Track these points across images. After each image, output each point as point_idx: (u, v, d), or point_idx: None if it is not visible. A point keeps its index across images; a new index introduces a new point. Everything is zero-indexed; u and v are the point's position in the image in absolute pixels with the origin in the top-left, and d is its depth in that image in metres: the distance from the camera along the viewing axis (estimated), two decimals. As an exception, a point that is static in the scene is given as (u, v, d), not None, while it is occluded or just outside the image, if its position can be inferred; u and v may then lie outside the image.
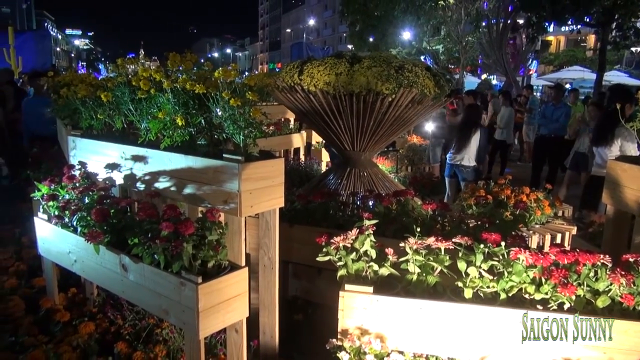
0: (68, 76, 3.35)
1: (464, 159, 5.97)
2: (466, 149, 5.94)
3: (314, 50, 18.18)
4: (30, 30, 27.48)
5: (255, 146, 2.32)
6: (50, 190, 2.99)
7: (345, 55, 3.74)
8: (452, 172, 6.23)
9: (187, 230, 2.12)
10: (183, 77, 2.36)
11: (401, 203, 3.09)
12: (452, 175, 6.24)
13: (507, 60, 19.21)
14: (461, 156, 6.00)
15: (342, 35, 58.74)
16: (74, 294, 3.33)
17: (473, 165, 5.95)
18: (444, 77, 3.91)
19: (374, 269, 2.21)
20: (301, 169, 5.91)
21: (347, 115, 3.69)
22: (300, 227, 3.09)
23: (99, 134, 3.09)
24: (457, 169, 6.09)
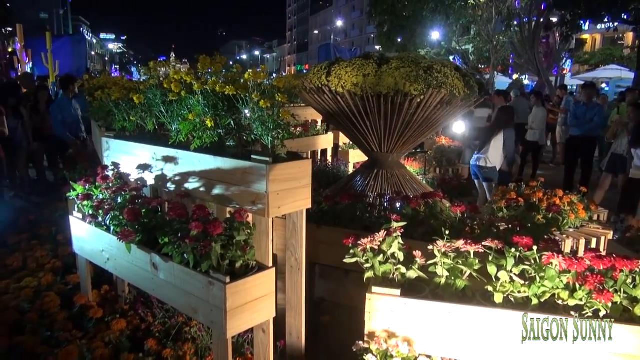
0: (102, 79, 3.45)
1: (481, 160, 5.87)
2: (486, 149, 5.83)
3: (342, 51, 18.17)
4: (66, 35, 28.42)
5: (283, 147, 2.33)
6: (85, 190, 3.08)
7: (373, 56, 3.72)
8: (475, 173, 6.14)
9: (215, 230, 2.15)
10: (213, 79, 2.40)
11: (429, 205, 3.05)
12: (477, 177, 6.15)
13: (540, 59, 18.71)
14: (480, 156, 5.91)
15: (369, 36, 58.53)
16: (107, 291, 3.42)
17: (492, 167, 5.83)
18: (473, 78, 3.84)
19: (402, 272, 2.19)
20: (328, 170, 5.91)
21: (375, 116, 3.67)
22: (328, 229, 3.09)
23: (132, 136, 3.17)
24: (477, 169, 6.00)
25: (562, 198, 3.73)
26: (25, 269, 3.89)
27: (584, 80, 16.94)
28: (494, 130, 5.90)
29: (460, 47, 26.14)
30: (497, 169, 5.85)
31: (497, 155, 5.81)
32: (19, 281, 3.60)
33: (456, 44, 25.94)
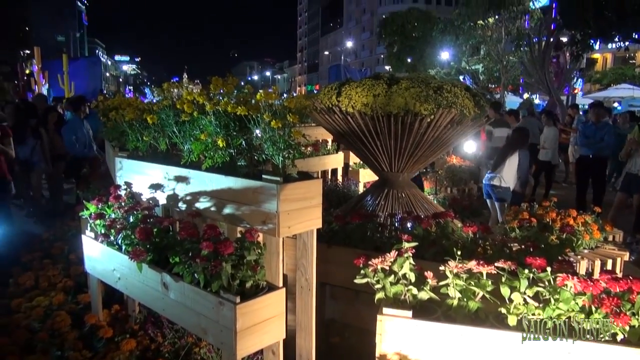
0: (116, 100, 3.51)
1: (495, 179, 5.83)
2: (500, 169, 5.80)
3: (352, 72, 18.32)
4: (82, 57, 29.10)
5: (293, 167, 2.34)
6: (98, 209, 3.11)
7: (383, 76, 3.75)
8: (487, 192, 6.09)
9: (226, 250, 2.15)
10: (225, 100, 2.43)
11: (441, 225, 3.03)
12: (489, 196, 6.09)
13: (550, 79, 18.70)
14: (493, 175, 5.87)
15: (379, 56, 59.07)
16: (117, 311, 3.42)
17: (506, 187, 5.78)
18: (484, 97, 3.85)
19: (413, 293, 2.16)
20: (339, 189, 5.90)
21: (385, 136, 3.68)
22: (338, 249, 3.07)
23: (144, 155, 3.21)
24: (490, 189, 5.95)
25: (576, 218, 3.68)
26: (37, 288, 3.91)
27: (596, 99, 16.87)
28: (508, 150, 5.87)
29: (470, 67, 26.25)
30: (510, 189, 5.80)
31: (511, 176, 5.77)
32: (30, 300, 3.62)
33: (466, 64, 26.05)
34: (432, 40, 28.45)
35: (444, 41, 26.26)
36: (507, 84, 24.63)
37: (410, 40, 32.96)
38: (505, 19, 22.98)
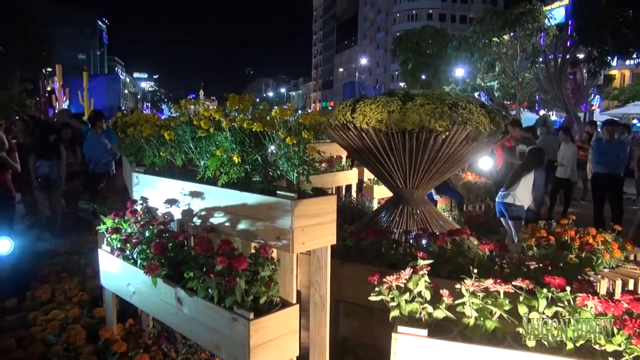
0: (134, 117, 3.57)
1: (508, 197, 5.75)
2: (514, 187, 5.72)
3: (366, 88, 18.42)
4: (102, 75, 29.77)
5: (308, 183, 2.35)
6: (114, 224, 3.14)
7: (397, 93, 3.76)
8: (500, 211, 6.01)
9: (240, 265, 2.15)
10: (241, 116, 2.46)
11: (456, 243, 2.99)
12: (502, 215, 6.00)
13: (567, 95, 18.54)
14: (506, 193, 5.79)
15: (394, 73, 59.39)
16: (131, 325, 3.43)
17: (520, 205, 5.69)
18: (499, 114, 3.83)
19: (429, 311, 2.13)
20: (353, 206, 5.89)
21: (400, 152, 3.68)
22: (352, 265, 3.05)
23: (161, 171, 3.25)
24: (503, 207, 5.86)
25: (596, 237, 3.60)
26: (54, 301, 3.95)
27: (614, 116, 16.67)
28: (523, 170, 5.80)
29: (485, 83, 26.20)
30: (524, 207, 5.71)
31: (526, 195, 5.68)
32: (46, 313, 3.65)
33: (481, 80, 26.01)
34: (446, 57, 28.55)
35: (459, 58, 26.33)
36: (522, 101, 24.50)
37: (424, 57, 33.12)
38: (520, 36, 22.99)
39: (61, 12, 57.63)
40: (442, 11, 60.63)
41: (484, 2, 58.09)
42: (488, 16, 23.84)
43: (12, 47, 23.41)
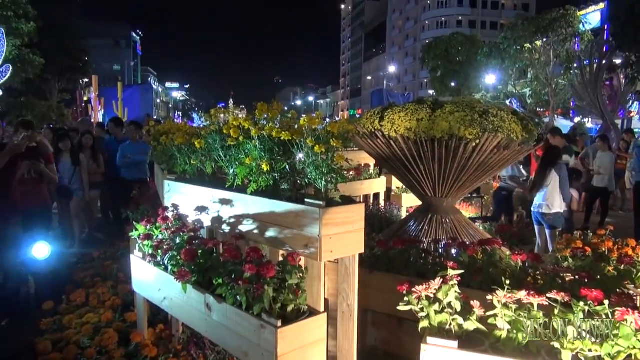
0: (167, 125, 3.65)
1: (544, 206, 5.57)
2: (544, 191, 5.55)
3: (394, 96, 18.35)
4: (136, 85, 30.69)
5: (336, 191, 2.35)
6: (146, 230, 3.21)
7: (426, 101, 3.73)
8: (537, 220, 5.84)
9: (268, 273, 2.16)
10: (269, 125, 2.48)
11: (488, 253, 2.93)
12: (540, 223, 5.83)
13: (604, 102, 17.97)
14: (541, 202, 5.61)
15: (422, 81, 58.98)
16: (162, 330, 3.48)
17: (555, 212, 5.52)
18: (532, 121, 3.75)
19: (459, 323, 2.09)
20: (381, 214, 5.85)
21: (429, 160, 3.64)
22: (380, 274, 3.02)
23: (191, 178, 3.31)
24: (539, 216, 5.70)
25: (635, 248, 3.46)
26: (88, 305, 4.05)
27: (654, 123, 16.07)
28: (545, 169, 5.61)
29: (517, 90, 25.69)
30: (560, 214, 5.55)
31: (557, 198, 5.52)
32: (81, 317, 3.75)
33: (513, 87, 25.52)
34: (476, 64, 28.16)
35: (489, 65, 25.92)
36: (556, 108, 23.89)
37: (454, 65, 32.77)
38: (553, 41, 22.48)
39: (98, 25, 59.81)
40: (472, 18, 59.95)
41: (515, 8, 57.16)
42: (520, 22, 23.43)
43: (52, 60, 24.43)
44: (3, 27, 12.42)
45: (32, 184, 4.66)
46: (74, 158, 6.52)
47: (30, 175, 4.61)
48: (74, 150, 6.61)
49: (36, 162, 4.64)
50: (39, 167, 4.66)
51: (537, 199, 5.73)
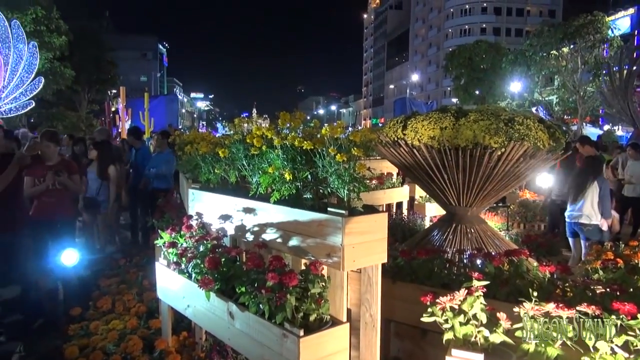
0: (191, 135, 3.71)
1: (583, 217, 5.37)
2: (582, 202, 5.36)
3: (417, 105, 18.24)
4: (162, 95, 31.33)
5: (359, 200, 2.34)
6: (171, 238, 3.25)
7: (450, 109, 3.69)
8: (573, 231, 5.64)
9: (291, 281, 2.16)
10: (292, 134, 2.49)
11: (514, 263, 2.86)
12: (575, 235, 5.62)
13: (635, 109, 17.47)
14: (579, 213, 5.42)
15: (446, 89, 58.52)
16: (185, 338, 3.51)
17: (595, 224, 5.30)
18: (559, 129, 3.67)
19: (484, 335, 2.05)
20: (404, 223, 5.80)
21: (453, 169, 3.59)
22: (403, 285, 2.99)
23: (215, 187, 3.34)
24: (577, 227, 5.50)
25: (670, 260, 3.33)
26: (114, 312, 4.12)
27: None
28: (586, 180, 5.39)
29: (543, 98, 25.23)
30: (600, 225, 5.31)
31: (597, 209, 5.30)
32: (107, 323, 3.82)
33: (539, 95, 25.08)
34: (501, 72, 27.82)
35: (514, 72, 25.57)
36: (584, 115, 23.35)
37: (478, 72, 32.42)
38: (581, 48, 22.05)
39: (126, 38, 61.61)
40: (496, 25, 59.32)
41: (540, 14, 56.34)
42: (546, 29, 23.09)
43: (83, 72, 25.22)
44: (36, 41, 12.87)
45: (56, 194, 4.72)
46: (100, 170, 6.44)
47: (54, 186, 4.68)
48: (101, 162, 6.51)
49: (61, 173, 4.70)
50: (62, 180, 4.69)
51: (574, 209, 5.50)
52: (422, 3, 70.83)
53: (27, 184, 4.63)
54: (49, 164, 4.72)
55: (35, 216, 4.69)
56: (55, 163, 4.78)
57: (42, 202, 4.70)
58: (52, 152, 4.78)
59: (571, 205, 5.53)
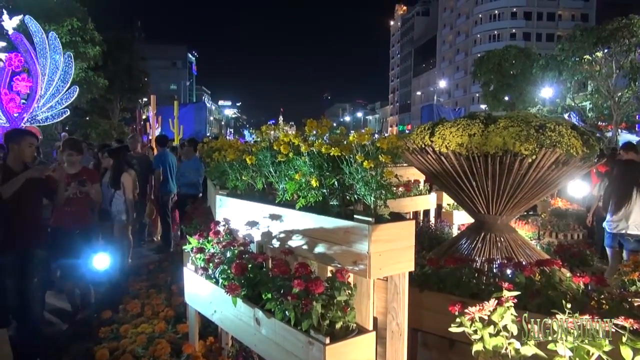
0: (219, 142, 3.76)
1: (630, 227, 5.09)
2: (629, 211, 5.11)
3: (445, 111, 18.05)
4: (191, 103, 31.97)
5: (385, 208, 2.32)
6: (199, 244, 3.30)
7: (478, 115, 3.63)
8: (614, 242, 5.34)
9: (317, 289, 2.16)
10: (319, 141, 2.50)
11: (546, 274, 2.78)
12: (616, 245, 5.35)
13: (672, 114, 16.86)
14: (625, 224, 5.14)
15: (474, 95, 57.75)
16: (212, 343, 3.55)
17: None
18: (593, 136, 3.56)
19: (515, 347, 1.99)
20: (431, 231, 5.72)
21: (482, 177, 3.53)
22: (431, 294, 2.94)
23: (242, 194, 3.37)
24: (621, 238, 5.24)
25: None
26: (142, 315, 4.20)
27: None
28: (630, 188, 5.12)
29: (576, 104, 24.57)
30: None
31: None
32: (136, 327, 3.89)
33: (571, 100, 24.44)
34: (532, 78, 27.24)
35: (545, 78, 25.00)
36: (619, 122, 22.63)
37: (507, 78, 31.82)
38: (616, 52, 21.43)
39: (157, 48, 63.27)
40: (527, 30, 58.25)
41: (573, 18, 55.02)
42: (579, 33, 22.52)
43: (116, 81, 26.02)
44: (71, 51, 13.34)
45: (76, 203, 4.64)
46: (113, 179, 5.93)
47: (75, 195, 4.60)
48: (115, 171, 6.00)
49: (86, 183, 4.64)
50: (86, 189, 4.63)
51: (615, 218, 5.26)
52: (450, 9, 70.24)
53: None
54: (71, 173, 4.67)
55: (54, 225, 4.67)
56: (77, 172, 4.74)
57: (62, 211, 4.61)
58: (74, 161, 4.77)
59: (614, 214, 5.27)
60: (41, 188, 3.99)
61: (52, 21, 17.85)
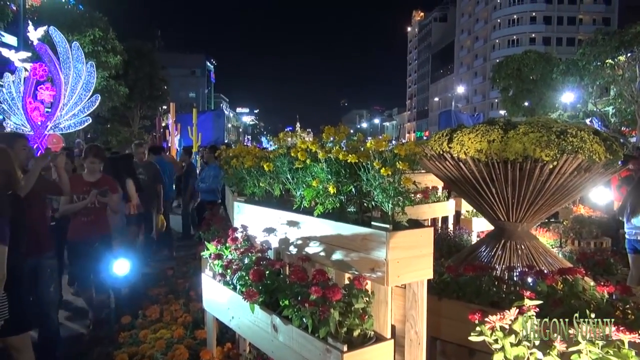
0: (237, 149, 3.79)
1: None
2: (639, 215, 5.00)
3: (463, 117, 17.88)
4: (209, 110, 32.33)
5: (403, 214, 2.30)
6: (217, 250, 3.32)
7: (498, 121, 3.59)
8: (634, 247, 5.29)
9: (334, 296, 2.15)
10: (336, 148, 2.50)
11: (569, 282, 2.72)
12: (636, 251, 5.27)
13: (699, 119, 16.42)
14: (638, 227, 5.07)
15: (493, 101, 57.17)
16: (229, 349, 3.55)
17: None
18: (616, 141, 3.49)
19: (537, 357, 1.95)
20: (450, 239, 5.65)
21: (501, 183, 3.48)
22: (450, 302, 2.90)
23: (260, 201, 3.39)
24: (638, 244, 5.15)
25: None
26: (161, 321, 4.23)
27: None
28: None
29: (598, 108, 24.11)
30: None
31: None
32: (155, 332, 3.92)
33: (593, 105, 24.00)
34: (552, 83, 26.85)
35: (566, 83, 24.62)
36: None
37: (527, 84, 31.41)
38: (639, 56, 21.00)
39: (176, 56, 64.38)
40: (546, 34, 57.53)
41: (594, 22, 54.13)
42: (600, 37, 22.15)
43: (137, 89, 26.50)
44: (94, 60, 13.65)
45: (94, 213, 4.53)
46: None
47: (94, 204, 4.49)
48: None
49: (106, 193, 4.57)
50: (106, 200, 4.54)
51: (635, 224, 5.17)
52: (468, 14, 69.87)
53: (63, 200, 4.48)
54: (90, 181, 4.57)
55: (71, 238, 4.58)
56: (96, 180, 4.60)
57: (79, 221, 4.52)
58: (96, 169, 4.64)
59: (634, 219, 5.19)
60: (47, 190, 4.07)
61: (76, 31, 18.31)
